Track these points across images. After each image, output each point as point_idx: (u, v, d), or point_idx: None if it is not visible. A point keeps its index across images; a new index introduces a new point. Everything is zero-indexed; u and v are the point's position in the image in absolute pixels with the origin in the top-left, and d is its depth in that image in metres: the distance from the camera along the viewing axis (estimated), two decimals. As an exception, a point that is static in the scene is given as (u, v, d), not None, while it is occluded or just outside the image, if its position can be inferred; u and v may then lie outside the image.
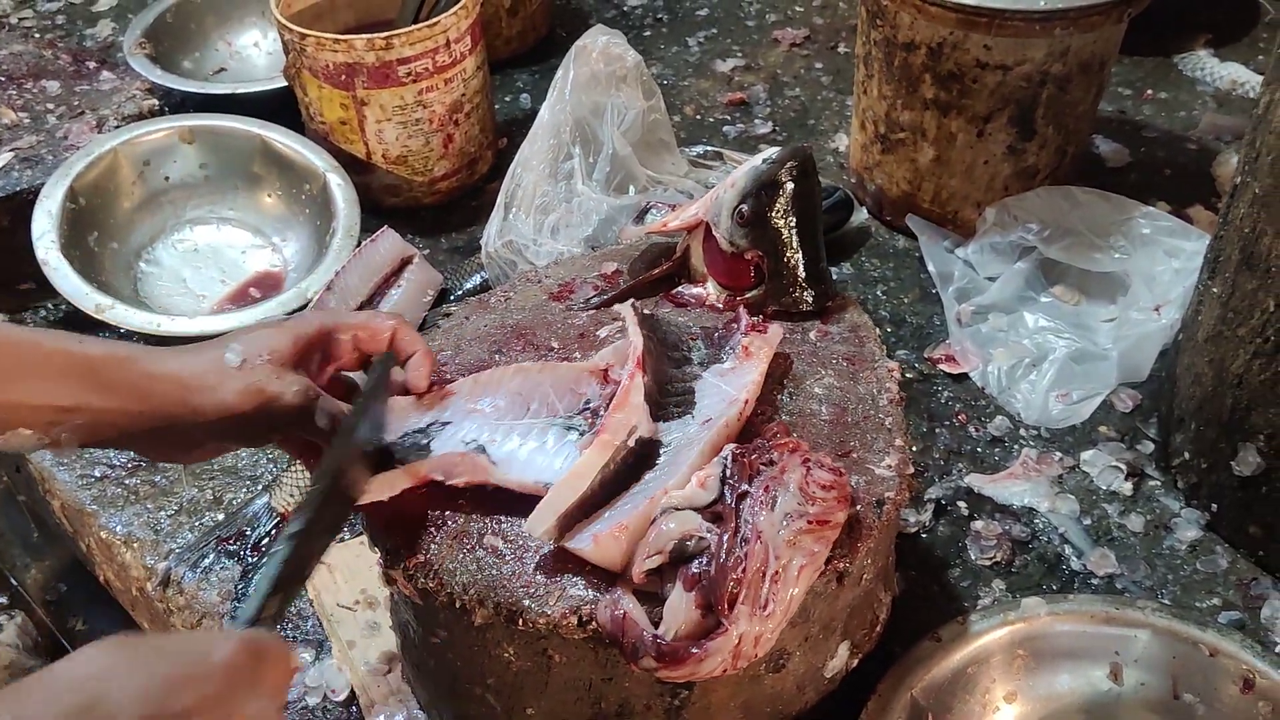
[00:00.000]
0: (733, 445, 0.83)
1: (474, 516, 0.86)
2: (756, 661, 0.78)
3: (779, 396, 0.95)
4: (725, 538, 0.77)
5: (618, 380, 0.89)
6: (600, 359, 0.94)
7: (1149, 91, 1.75)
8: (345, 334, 0.89)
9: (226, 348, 0.83)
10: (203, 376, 0.82)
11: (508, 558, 0.84)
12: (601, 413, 0.88)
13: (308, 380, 0.85)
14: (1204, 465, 1.15)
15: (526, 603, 0.81)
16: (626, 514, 0.80)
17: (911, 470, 0.90)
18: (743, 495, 0.79)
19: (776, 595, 0.76)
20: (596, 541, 0.79)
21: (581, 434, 0.87)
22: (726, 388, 0.90)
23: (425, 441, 0.89)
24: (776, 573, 0.76)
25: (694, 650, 0.75)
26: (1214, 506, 1.16)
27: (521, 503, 0.84)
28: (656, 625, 0.77)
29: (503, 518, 0.86)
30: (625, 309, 0.98)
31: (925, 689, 0.94)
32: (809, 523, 0.78)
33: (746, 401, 0.89)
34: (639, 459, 0.85)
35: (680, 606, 0.76)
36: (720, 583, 0.75)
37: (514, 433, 0.89)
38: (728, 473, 0.81)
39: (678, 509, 0.79)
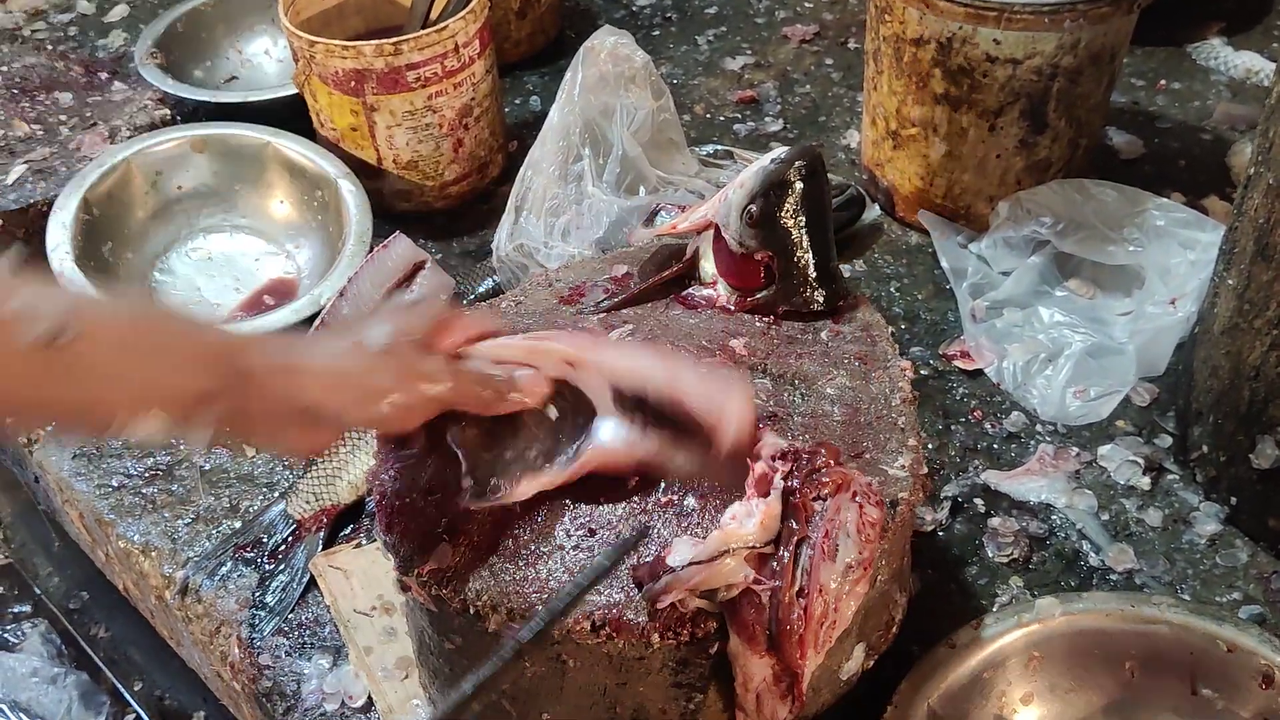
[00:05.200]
0: (780, 474, 0.81)
1: (487, 523, 0.87)
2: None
3: (792, 397, 0.95)
4: (780, 589, 0.78)
5: None
6: None
7: (1162, 82, 1.74)
8: None
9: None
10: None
11: (520, 564, 0.84)
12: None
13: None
14: (1222, 459, 1.14)
15: (540, 609, 0.81)
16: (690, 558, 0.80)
17: (925, 470, 0.90)
18: (800, 540, 0.79)
19: (833, 637, 0.80)
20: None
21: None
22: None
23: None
24: (834, 622, 0.79)
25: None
26: (1233, 500, 1.15)
27: (532, 508, 0.85)
28: (673, 630, 0.78)
29: (516, 523, 0.86)
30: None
31: (941, 697, 0.93)
32: (864, 569, 0.80)
33: None
34: None
35: (757, 668, 0.80)
36: (786, 641, 0.78)
37: None
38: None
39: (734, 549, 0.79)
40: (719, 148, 1.60)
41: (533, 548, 0.85)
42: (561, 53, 1.87)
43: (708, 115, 1.74)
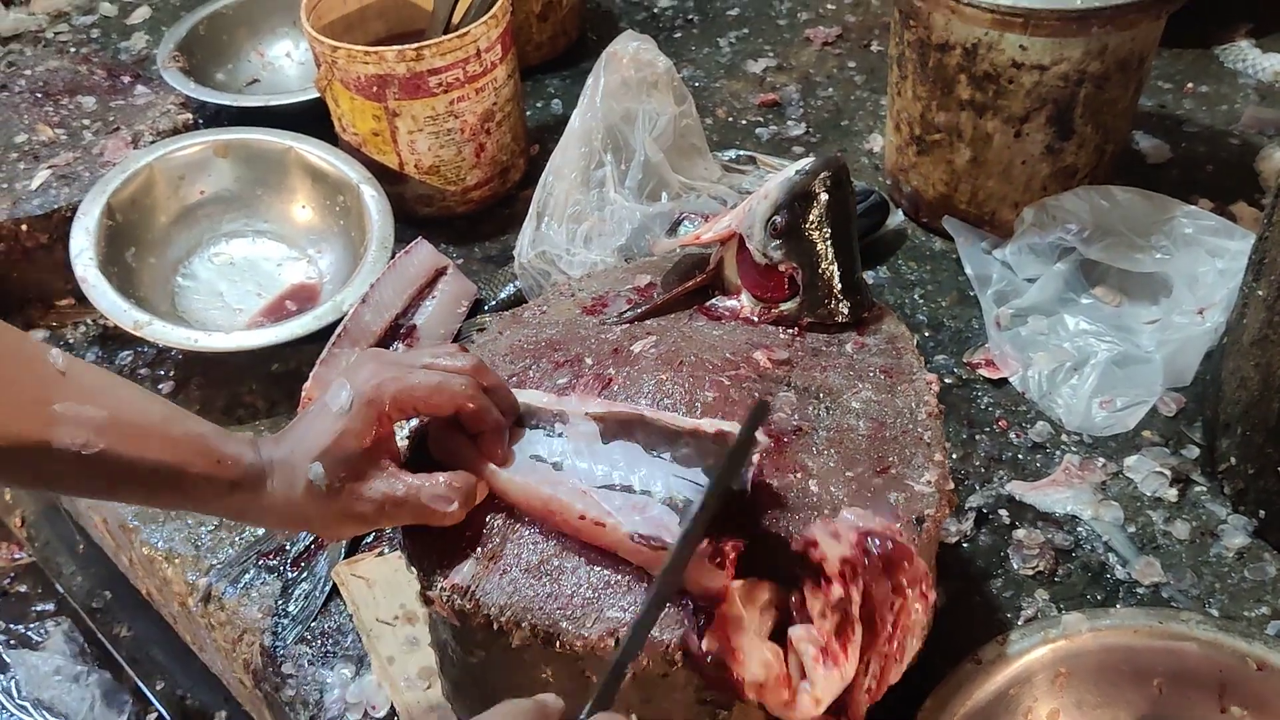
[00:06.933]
0: (836, 571, 0.78)
1: (509, 537, 0.86)
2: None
3: (817, 411, 0.94)
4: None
5: None
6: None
7: (1190, 85, 1.72)
8: (412, 402, 0.85)
9: (309, 468, 0.83)
10: (299, 509, 0.85)
11: (543, 579, 0.83)
12: None
13: (384, 491, 0.84)
14: (1251, 471, 1.13)
15: (564, 624, 0.81)
16: None
17: (951, 485, 0.89)
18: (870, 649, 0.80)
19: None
20: None
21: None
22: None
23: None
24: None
25: None
26: (1261, 513, 1.14)
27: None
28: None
29: (539, 538, 0.86)
30: None
31: (967, 714, 0.92)
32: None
33: None
34: None
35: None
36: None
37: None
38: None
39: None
40: (741, 153, 1.59)
41: (555, 562, 0.84)
42: (583, 55, 1.86)
43: (730, 119, 1.74)
